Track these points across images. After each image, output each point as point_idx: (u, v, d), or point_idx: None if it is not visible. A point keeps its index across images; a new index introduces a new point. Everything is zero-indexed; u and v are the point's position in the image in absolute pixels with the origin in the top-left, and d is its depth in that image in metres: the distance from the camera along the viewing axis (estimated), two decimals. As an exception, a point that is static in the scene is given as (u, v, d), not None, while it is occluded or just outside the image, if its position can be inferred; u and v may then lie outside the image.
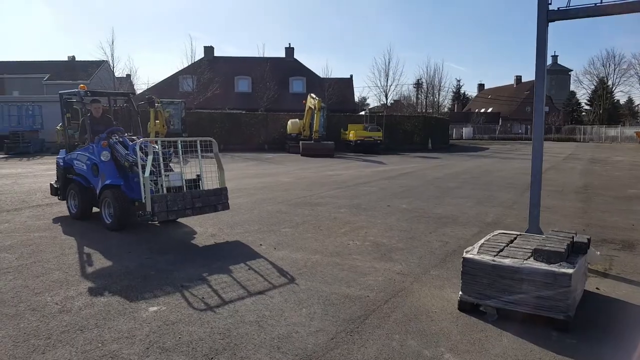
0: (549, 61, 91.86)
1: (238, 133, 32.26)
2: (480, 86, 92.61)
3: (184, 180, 7.08)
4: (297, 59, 51.55)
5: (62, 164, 8.66)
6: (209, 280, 5.11)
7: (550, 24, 6.14)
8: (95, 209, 8.19)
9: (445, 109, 72.74)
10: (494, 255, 4.40)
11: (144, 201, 6.49)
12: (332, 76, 46.19)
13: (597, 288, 5.09)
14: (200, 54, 49.93)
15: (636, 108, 72.89)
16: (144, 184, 6.48)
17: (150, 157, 6.53)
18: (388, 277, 5.37)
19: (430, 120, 38.91)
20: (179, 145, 7.12)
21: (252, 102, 42.37)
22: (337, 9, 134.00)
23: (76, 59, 51.16)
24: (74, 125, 9.14)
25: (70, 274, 5.22)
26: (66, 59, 52.31)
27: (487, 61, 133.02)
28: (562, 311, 3.97)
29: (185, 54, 57.99)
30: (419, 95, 56.96)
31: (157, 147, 7.07)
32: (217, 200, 7.18)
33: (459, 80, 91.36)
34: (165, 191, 6.76)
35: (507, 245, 4.74)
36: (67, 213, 8.66)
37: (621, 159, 26.28)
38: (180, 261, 5.85)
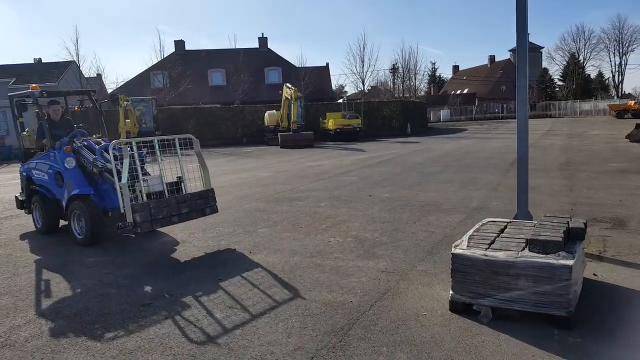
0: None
1: (214, 128, 31.53)
2: (455, 68, 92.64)
3: (164, 184, 6.28)
4: (272, 49, 50.66)
5: (24, 173, 7.81)
6: (174, 296, 4.63)
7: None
8: (63, 222, 7.44)
9: (422, 93, 72.66)
10: (486, 249, 4.02)
11: (122, 211, 5.70)
12: (308, 65, 45.52)
13: (594, 274, 4.78)
14: (171, 49, 48.81)
15: (607, 81, 73.78)
16: (121, 192, 5.65)
17: (126, 161, 5.74)
18: (372, 277, 4.97)
19: (407, 104, 38.62)
20: (156, 145, 6.24)
21: (227, 95, 41.51)
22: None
23: (42, 61, 49.41)
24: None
25: (21, 297, 4.69)
26: (32, 61, 50.51)
27: (460, 43, 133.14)
28: (562, 307, 3.62)
29: (154, 49, 56.50)
30: (396, 80, 56.63)
31: (131, 149, 6.17)
32: (204, 204, 6.46)
33: (434, 63, 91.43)
34: (145, 198, 5.97)
35: (498, 236, 4.37)
36: (27, 226, 8.06)
37: (598, 133, 26.38)
38: (143, 275, 5.35)
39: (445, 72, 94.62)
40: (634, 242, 5.82)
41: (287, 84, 27.25)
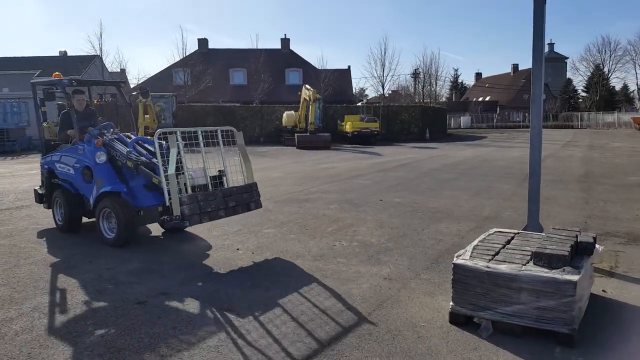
0: (545, 49, 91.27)
1: (232, 126, 31.54)
2: (478, 75, 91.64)
3: (208, 178, 6.00)
4: (294, 50, 50.78)
5: (45, 166, 7.39)
6: (170, 295, 4.57)
7: (547, 3, 5.61)
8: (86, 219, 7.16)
9: (443, 99, 71.98)
10: (489, 260, 3.88)
11: (168, 204, 5.51)
12: (328, 67, 45.49)
13: (603, 290, 4.59)
14: (194, 47, 49.27)
15: (631, 94, 72.09)
16: (168, 183, 5.44)
17: (173, 151, 5.45)
18: (373, 284, 4.86)
19: (427, 109, 38.26)
20: (200, 136, 5.96)
21: (247, 95, 41.70)
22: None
23: (68, 54, 50.31)
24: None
25: (18, 289, 4.69)
26: (57, 54, 51.48)
27: (484, 50, 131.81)
28: (566, 324, 3.47)
29: (177, 46, 57.11)
30: (417, 85, 56.18)
31: (179, 138, 5.74)
32: (249, 198, 6.15)
33: (456, 70, 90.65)
34: (189, 191, 5.70)
35: (503, 247, 4.23)
36: (37, 217, 8.14)
37: (620, 145, 25.74)
38: (143, 272, 5.32)
39: (468, 79, 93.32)
40: (649, 259, 5.60)
41: (306, 85, 27.22)
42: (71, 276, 5.17)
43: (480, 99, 79.07)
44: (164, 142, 6.05)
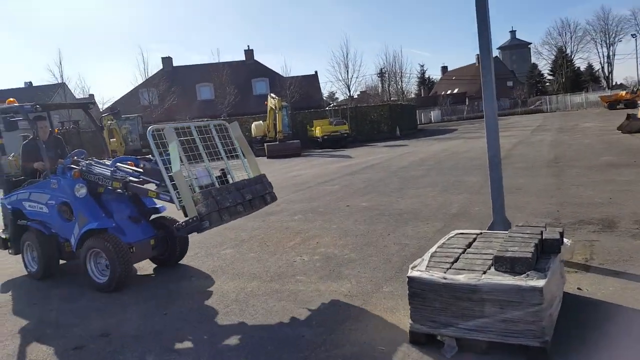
0: (508, 37, 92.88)
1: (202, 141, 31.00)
2: (444, 69, 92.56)
3: (213, 176, 5.27)
4: (258, 60, 50.33)
5: (9, 206, 6.46)
6: (111, 337, 4.11)
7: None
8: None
9: (412, 95, 72.32)
10: (447, 269, 3.51)
11: (179, 208, 4.82)
12: (295, 74, 45.16)
13: (578, 288, 4.27)
14: (159, 66, 48.40)
15: (597, 73, 73.60)
16: (176, 184, 4.67)
17: (173, 144, 4.64)
18: (332, 304, 4.45)
19: (395, 107, 38.15)
20: (194, 132, 5.23)
21: (215, 109, 41.00)
22: (292, 5, 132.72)
23: (33, 85, 48.90)
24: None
25: None
26: (23, 85, 50.03)
27: (447, 43, 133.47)
28: (536, 336, 3.10)
29: (137, 67, 56.09)
30: (384, 84, 56.20)
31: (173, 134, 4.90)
32: (263, 190, 5.37)
33: (422, 66, 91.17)
34: (197, 190, 4.89)
35: (463, 252, 3.87)
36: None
37: (589, 125, 25.94)
38: (86, 310, 4.86)
39: (435, 74, 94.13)
40: (625, 246, 5.32)
41: (271, 94, 26.83)
42: (10, 323, 4.68)
43: (449, 91, 79.82)
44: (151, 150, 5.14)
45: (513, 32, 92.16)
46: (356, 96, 65.21)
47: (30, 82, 45.68)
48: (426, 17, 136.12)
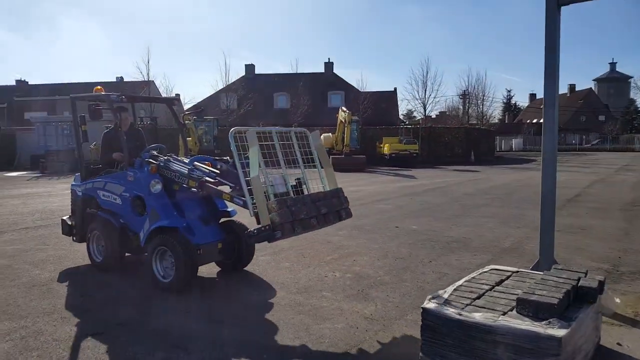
0: (607, 68, 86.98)
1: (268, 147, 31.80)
2: (532, 96, 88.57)
3: (289, 185, 5.02)
4: (337, 73, 50.99)
5: (79, 193, 6.45)
6: (109, 334, 4.24)
7: (563, 9, 5.04)
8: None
9: (496, 120, 69.64)
10: (466, 305, 3.32)
11: (252, 214, 4.60)
12: (370, 89, 45.17)
13: (618, 344, 3.87)
14: (241, 72, 50.49)
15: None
16: (252, 189, 4.44)
17: (254, 150, 4.40)
18: (350, 324, 4.36)
19: (472, 131, 37.02)
20: (275, 137, 5.01)
21: (289, 118, 41.97)
22: (379, 22, 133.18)
23: (124, 79, 52.73)
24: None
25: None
26: (114, 79, 54.10)
27: (539, 70, 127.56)
28: (550, 389, 2.85)
29: (220, 71, 58.49)
30: (465, 106, 54.54)
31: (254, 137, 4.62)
32: (339, 205, 5.11)
33: (509, 91, 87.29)
34: (272, 198, 4.64)
35: (491, 289, 3.65)
36: (50, 237, 8.16)
37: (686, 170, 23.65)
38: (110, 301, 5.11)
39: (522, 100, 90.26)
40: (687, 305, 4.75)
41: (343, 108, 27.03)
42: (42, 301, 5.02)
43: (535, 120, 76.20)
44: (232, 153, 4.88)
45: (613, 64, 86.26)
46: (435, 116, 63.97)
47: (122, 77, 48.92)
48: (516, 41, 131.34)
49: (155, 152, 5.91)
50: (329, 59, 51.94)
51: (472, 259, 6.68)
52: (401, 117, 52.95)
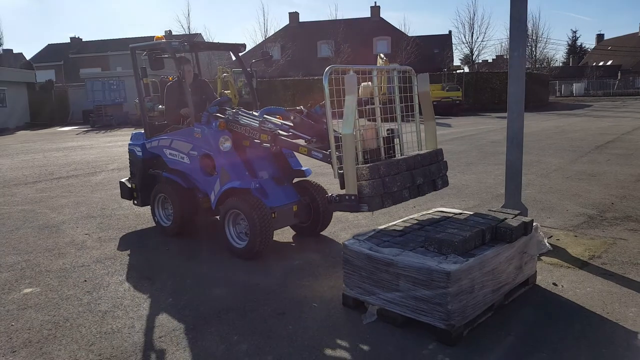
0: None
1: (311, 99, 31.90)
2: (599, 37, 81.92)
3: (380, 139, 4.11)
4: (384, 17, 49.37)
5: (139, 153, 5.99)
6: (95, 266, 4.82)
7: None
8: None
9: (558, 63, 65.40)
10: (385, 241, 3.55)
11: (336, 176, 3.85)
12: (419, 34, 43.64)
13: (554, 283, 3.99)
14: (285, 21, 50.04)
15: None
16: (343, 147, 3.59)
17: (352, 99, 3.59)
18: (304, 261, 4.69)
19: (522, 76, 35.16)
20: (374, 81, 4.30)
21: (330, 67, 41.57)
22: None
23: (172, 33, 53.61)
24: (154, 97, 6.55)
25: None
26: (163, 33, 55.16)
27: (609, 8, 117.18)
28: (442, 318, 3.07)
29: (258, 22, 57.75)
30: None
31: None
32: (437, 172, 4.32)
33: (574, 32, 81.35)
34: (360, 157, 3.83)
35: (420, 228, 3.83)
36: (76, 186, 8.94)
37: None
38: (111, 240, 5.68)
39: (589, 42, 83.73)
40: (651, 249, 4.72)
41: (381, 54, 26.42)
42: (51, 238, 5.70)
43: (601, 63, 70.92)
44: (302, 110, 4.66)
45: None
46: (491, 61, 60.86)
47: (170, 31, 49.68)
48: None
49: (224, 106, 5.34)
50: (375, 2, 50.25)
51: (458, 203, 6.76)
52: (459, 62, 50.56)
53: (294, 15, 50.58)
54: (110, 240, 5.61)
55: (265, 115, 5.01)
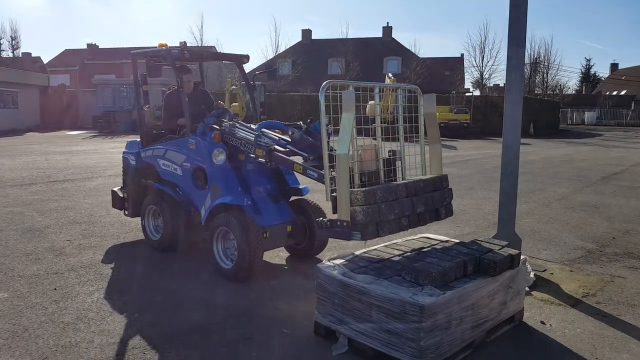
0: None
1: (313, 115, 31.86)
2: (613, 66, 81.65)
3: (380, 162, 3.86)
4: (396, 38, 49.60)
5: (133, 162, 5.79)
6: (67, 275, 4.66)
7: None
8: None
9: (571, 91, 64.92)
10: (361, 267, 3.36)
11: (328, 199, 3.56)
12: (427, 55, 43.70)
13: (542, 322, 3.75)
14: (298, 37, 50.39)
15: None
16: (336, 168, 3.36)
17: (349, 117, 3.34)
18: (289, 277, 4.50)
19: (533, 102, 34.96)
20: (377, 98, 4.10)
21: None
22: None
23: (187, 44, 54.25)
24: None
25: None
26: (177, 44, 55.82)
27: (623, 38, 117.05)
28: (414, 355, 2.86)
29: (270, 37, 58.51)
30: (532, 76, 51.20)
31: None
32: (440, 200, 3.97)
33: (588, 60, 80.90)
34: (357, 180, 3.59)
35: (402, 255, 3.63)
36: (69, 192, 8.84)
37: None
38: (92, 248, 5.52)
39: (603, 71, 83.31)
40: (648, 289, 4.47)
41: (389, 73, 26.42)
42: (32, 242, 5.59)
43: (615, 92, 70.55)
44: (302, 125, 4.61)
45: None
46: (502, 85, 60.57)
47: (185, 42, 50.42)
48: (605, 4, 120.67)
49: (220, 118, 5.09)
50: (387, 22, 50.61)
51: (452, 229, 6.56)
52: (470, 85, 50.21)
53: (306, 32, 50.94)
54: (90, 248, 5.47)
55: (263, 129, 4.79)
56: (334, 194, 3.46)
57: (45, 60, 49.80)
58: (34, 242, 5.63)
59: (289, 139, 4.58)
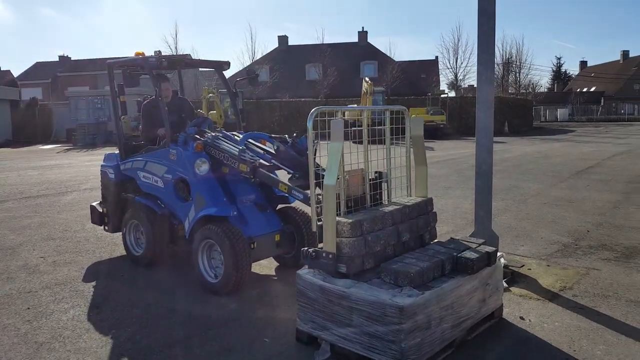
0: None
1: (298, 121, 31.86)
2: (583, 64, 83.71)
3: (368, 186, 3.78)
4: (371, 43, 50.02)
5: (112, 175, 5.58)
6: (41, 293, 4.55)
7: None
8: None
9: (543, 90, 66.19)
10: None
11: (314, 229, 3.43)
12: (403, 58, 44.22)
13: (521, 317, 3.79)
14: (275, 44, 50.38)
15: None
16: (323, 198, 3.27)
17: (337, 147, 3.28)
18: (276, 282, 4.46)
19: (506, 101, 35.61)
20: (365, 122, 3.95)
21: (318, 90, 41.80)
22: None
23: (162, 53, 53.64)
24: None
25: None
26: (152, 53, 55.15)
27: (592, 36, 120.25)
28: (395, 357, 2.86)
29: (246, 44, 58.11)
30: (504, 75, 52.11)
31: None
32: (425, 226, 3.91)
33: (559, 58, 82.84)
34: (343, 207, 3.46)
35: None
36: (42, 207, 8.64)
37: None
38: (66, 265, 5.40)
39: (573, 69, 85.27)
40: (623, 280, 4.56)
41: (366, 78, 26.61)
42: (3, 262, 5.42)
43: (585, 89, 72.39)
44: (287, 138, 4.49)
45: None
46: (476, 86, 61.28)
47: (160, 51, 49.79)
48: (574, 4, 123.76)
49: (202, 128, 4.98)
50: (362, 27, 51.07)
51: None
52: (445, 87, 50.84)
53: (283, 38, 51.00)
54: (65, 265, 5.34)
55: (249, 140, 4.67)
56: (320, 222, 3.38)
57: (15, 74, 48.72)
58: (5, 261, 5.47)
59: (274, 152, 4.50)
